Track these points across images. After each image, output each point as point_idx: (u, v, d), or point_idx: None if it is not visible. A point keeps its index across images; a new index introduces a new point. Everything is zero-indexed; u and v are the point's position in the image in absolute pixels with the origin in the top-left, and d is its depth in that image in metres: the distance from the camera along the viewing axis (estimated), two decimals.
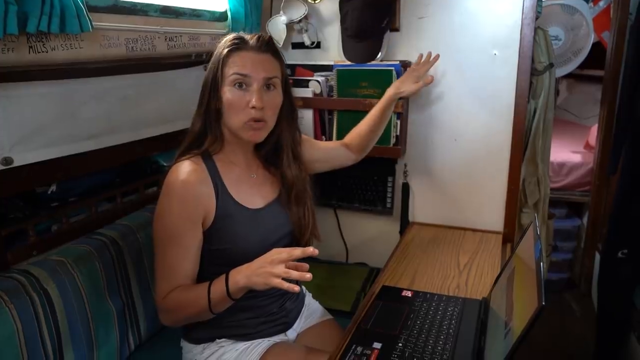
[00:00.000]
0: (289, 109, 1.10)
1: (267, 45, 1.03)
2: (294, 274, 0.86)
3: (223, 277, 0.94)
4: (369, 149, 1.38)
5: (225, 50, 1.00)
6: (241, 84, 0.99)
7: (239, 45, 1.01)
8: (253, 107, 0.99)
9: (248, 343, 1.10)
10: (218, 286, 0.94)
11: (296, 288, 0.87)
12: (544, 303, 0.70)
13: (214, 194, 1.02)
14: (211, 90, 1.01)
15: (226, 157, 1.07)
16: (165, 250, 0.99)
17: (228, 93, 1.00)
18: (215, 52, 1.03)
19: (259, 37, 1.03)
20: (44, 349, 0.99)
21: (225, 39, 1.03)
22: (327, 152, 1.31)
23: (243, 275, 0.91)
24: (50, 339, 1.01)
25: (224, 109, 1.01)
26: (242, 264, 0.95)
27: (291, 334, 1.19)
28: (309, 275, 0.86)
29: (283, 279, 0.86)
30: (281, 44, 1.66)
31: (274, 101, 1.04)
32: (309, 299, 1.31)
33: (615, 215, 1.72)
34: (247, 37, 1.03)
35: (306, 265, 0.89)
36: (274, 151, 1.13)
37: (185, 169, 0.99)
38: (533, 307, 0.72)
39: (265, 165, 1.15)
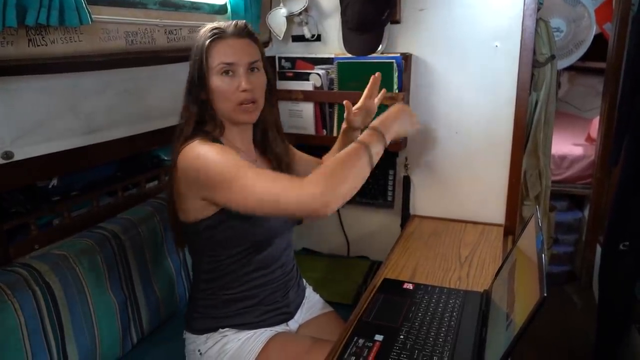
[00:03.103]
0: (268, 89, 1.13)
1: (245, 30, 1.06)
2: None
3: (369, 130, 1.01)
4: None
5: (207, 41, 1.01)
6: (228, 71, 1.02)
7: (219, 34, 1.02)
8: (244, 90, 1.02)
9: (251, 332, 1.11)
10: (371, 137, 0.99)
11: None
12: (545, 294, 0.70)
13: None
14: (199, 83, 1.03)
15: (230, 142, 1.09)
16: (250, 173, 0.92)
17: (216, 81, 1.02)
18: (195, 45, 1.04)
19: (236, 24, 1.05)
20: (46, 342, 1.00)
21: (203, 30, 1.05)
22: (306, 166, 1.29)
23: (396, 125, 1.05)
24: (52, 332, 1.01)
25: (213, 98, 1.04)
26: (257, 244, 1.07)
27: (293, 325, 1.20)
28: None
29: None
30: (281, 37, 1.66)
31: (260, 81, 1.07)
32: (309, 291, 1.32)
33: (617, 208, 1.72)
34: (224, 25, 1.05)
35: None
36: (262, 133, 1.17)
37: (202, 143, 0.99)
38: (535, 298, 0.72)
39: (262, 154, 1.19)
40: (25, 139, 1.05)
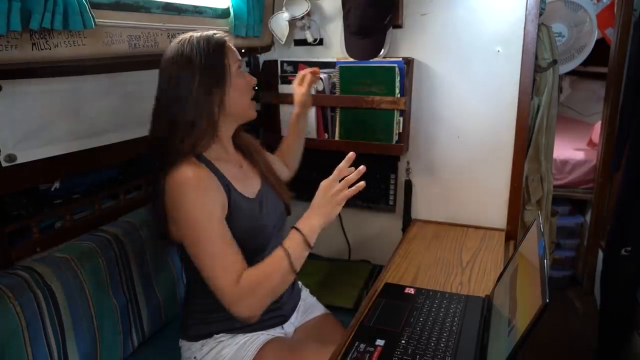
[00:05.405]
0: None
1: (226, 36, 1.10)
2: (350, 191, 0.99)
3: (292, 233, 1.00)
4: (295, 164, 1.44)
5: (222, 41, 1.05)
6: (240, 69, 1.09)
7: (218, 39, 1.04)
8: (255, 87, 1.10)
9: (247, 336, 1.11)
10: (292, 241, 0.98)
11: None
12: (547, 301, 0.70)
13: (222, 186, 1.03)
14: (218, 86, 1.02)
15: (215, 154, 1.08)
16: (209, 248, 0.96)
17: (239, 79, 1.07)
18: (198, 58, 1.00)
19: (215, 33, 1.06)
20: (47, 345, 1.00)
21: (201, 42, 1.01)
22: (271, 161, 1.30)
23: (317, 217, 0.99)
24: (54, 335, 1.01)
25: (233, 96, 1.05)
26: (254, 252, 1.02)
27: (288, 327, 1.20)
28: (362, 184, 0.99)
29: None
30: (283, 41, 1.66)
31: None
32: (305, 294, 1.32)
33: (619, 213, 1.72)
34: (210, 33, 1.05)
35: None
36: (237, 130, 1.17)
37: (187, 168, 0.97)
38: (536, 305, 0.72)
39: (245, 157, 1.20)
40: (28, 142, 1.05)
